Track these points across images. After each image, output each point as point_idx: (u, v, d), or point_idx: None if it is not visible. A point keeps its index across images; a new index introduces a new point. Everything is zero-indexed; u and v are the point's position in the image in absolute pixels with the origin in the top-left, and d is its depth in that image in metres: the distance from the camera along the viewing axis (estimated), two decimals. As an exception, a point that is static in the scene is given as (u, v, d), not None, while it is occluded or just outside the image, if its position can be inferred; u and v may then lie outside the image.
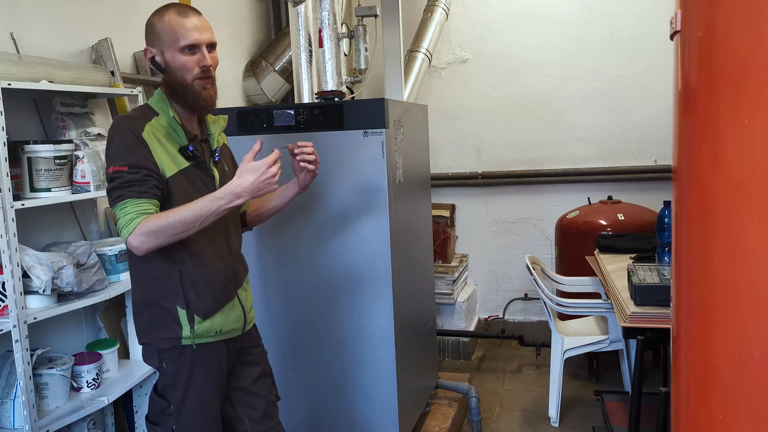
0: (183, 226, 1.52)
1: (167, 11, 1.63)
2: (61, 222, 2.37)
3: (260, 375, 1.86)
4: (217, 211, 1.54)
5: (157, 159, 1.59)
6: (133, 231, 1.50)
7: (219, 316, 1.69)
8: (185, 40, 1.60)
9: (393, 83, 3.25)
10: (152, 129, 1.61)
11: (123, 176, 1.53)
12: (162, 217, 1.52)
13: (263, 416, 1.83)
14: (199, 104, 1.66)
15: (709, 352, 1.24)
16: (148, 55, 1.65)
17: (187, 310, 1.64)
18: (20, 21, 2.22)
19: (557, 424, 3.11)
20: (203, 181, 1.69)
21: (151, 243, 1.52)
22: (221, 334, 1.71)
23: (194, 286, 1.65)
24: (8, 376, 2.01)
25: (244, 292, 1.80)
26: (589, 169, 4.18)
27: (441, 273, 4.03)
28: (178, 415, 1.67)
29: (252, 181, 1.54)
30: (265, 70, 3.77)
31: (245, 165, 1.56)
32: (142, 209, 1.52)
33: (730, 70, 1.15)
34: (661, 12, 3.89)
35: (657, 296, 2.19)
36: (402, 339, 2.46)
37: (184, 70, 1.61)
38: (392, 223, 2.35)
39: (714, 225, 1.20)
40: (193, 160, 1.67)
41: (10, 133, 1.94)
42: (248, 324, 1.81)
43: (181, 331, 1.64)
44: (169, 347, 1.66)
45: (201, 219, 1.53)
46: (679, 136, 1.33)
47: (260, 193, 1.57)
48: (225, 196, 1.54)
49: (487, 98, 4.35)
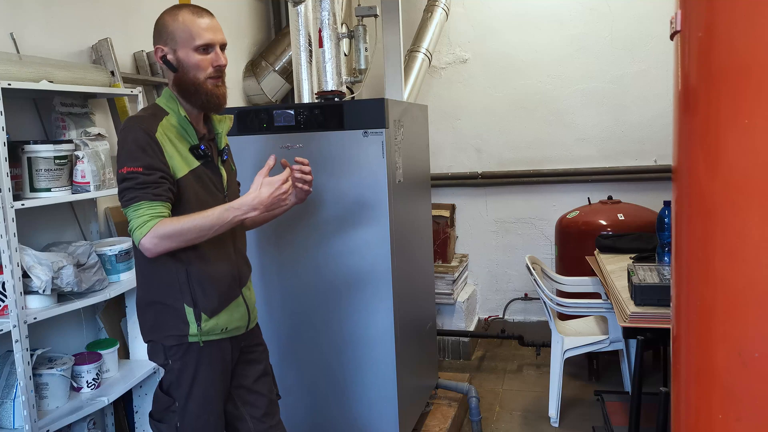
0: (197, 233, 1.56)
1: (180, 11, 1.65)
2: (61, 222, 2.37)
3: (262, 373, 1.87)
4: (232, 221, 1.58)
5: (170, 160, 1.60)
6: (147, 233, 1.52)
7: (224, 314, 1.71)
8: (201, 40, 1.62)
9: (393, 83, 3.25)
10: (164, 129, 1.61)
11: (138, 177, 1.54)
12: (177, 222, 1.54)
13: (265, 415, 1.85)
14: (213, 102, 1.67)
15: (709, 352, 1.24)
16: (159, 53, 1.65)
17: (194, 308, 1.66)
18: (20, 21, 2.22)
19: (557, 424, 3.11)
20: (212, 181, 1.71)
21: (164, 246, 1.54)
22: (227, 332, 1.72)
23: (201, 284, 1.66)
24: (8, 376, 2.01)
25: (248, 291, 1.82)
26: (589, 169, 4.18)
27: (441, 273, 4.03)
28: (183, 412, 1.68)
29: (268, 195, 1.57)
30: (265, 70, 3.77)
31: (262, 179, 1.59)
32: (156, 212, 1.54)
33: (730, 70, 1.15)
34: (661, 12, 3.89)
35: (657, 296, 2.19)
36: (402, 339, 2.46)
37: (198, 69, 1.63)
38: (392, 223, 2.34)
39: (714, 225, 1.20)
40: (204, 159, 1.68)
41: (10, 133, 1.94)
42: (252, 322, 1.83)
43: (188, 329, 1.66)
44: (176, 344, 1.67)
45: (216, 227, 1.57)
46: (679, 136, 1.33)
47: (272, 207, 1.61)
48: (241, 207, 1.57)
49: (487, 98, 4.35)
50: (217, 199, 1.70)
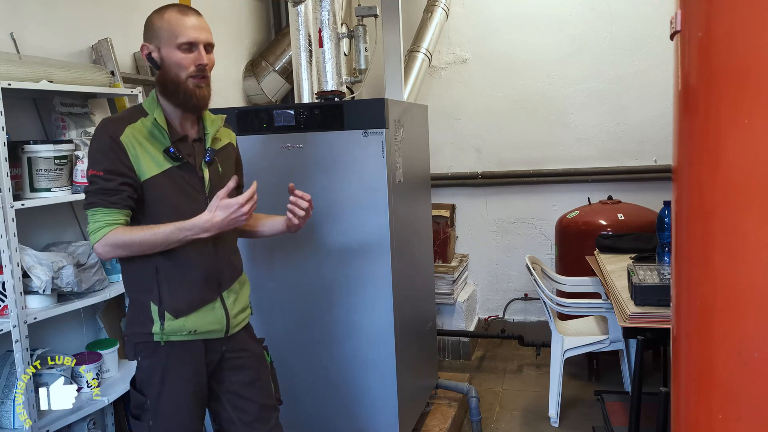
0: (147, 247, 1.59)
1: (168, 9, 1.64)
2: (61, 222, 2.37)
3: (252, 379, 1.81)
4: (183, 239, 1.60)
5: (135, 162, 1.59)
6: (100, 240, 1.56)
7: (194, 316, 1.67)
8: (183, 38, 1.61)
9: (393, 83, 3.25)
10: (133, 131, 1.60)
11: (98, 182, 1.56)
12: (129, 233, 1.57)
13: (255, 420, 1.80)
14: (191, 102, 1.65)
15: (709, 352, 1.24)
16: (145, 51, 1.65)
17: (159, 306, 1.65)
18: (20, 21, 2.22)
19: (557, 424, 3.11)
20: (189, 183, 1.68)
21: (115, 253, 1.59)
22: (197, 334, 1.69)
23: (168, 283, 1.65)
24: (8, 376, 2.01)
25: (233, 295, 1.76)
26: (589, 169, 4.18)
27: (441, 273, 4.03)
28: (155, 412, 1.67)
29: (222, 218, 1.58)
30: (265, 70, 3.77)
31: (218, 201, 1.59)
32: (111, 219, 1.57)
33: (730, 70, 1.15)
34: (661, 12, 3.88)
35: (657, 296, 2.19)
36: (402, 339, 2.46)
37: (179, 67, 1.62)
38: (392, 223, 2.34)
39: (714, 225, 1.20)
40: (177, 161, 1.66)
41: (10, 133, 1.94)
42: (233, 328, 1.76)
43: (152, 326, 1.65)
44: (142, 341, 1.67)
45: (165, 244, 1.60)
46: (679, 136, 1.33)
47: (228, 228, 1.62)
48: (192, 228, 1.59)
49: (487, 98, 4.35)
50: (196, 201, 1.67)
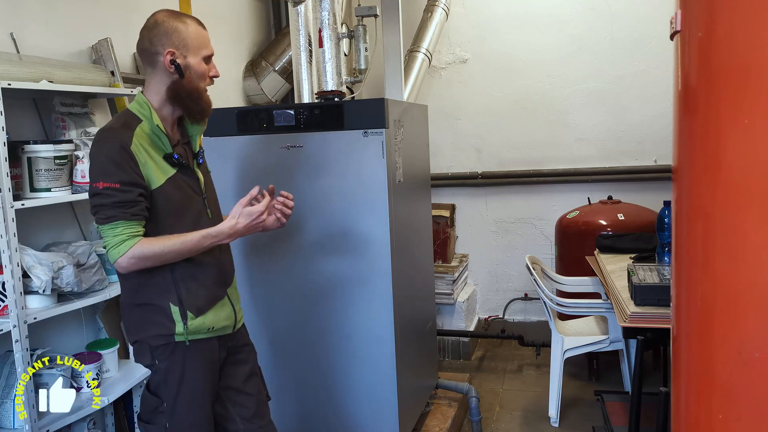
0: (173, 256, 1.62)
1: (187, 18, 1.68)
2: (61, 222, 2.37)
3: (250, 374, 1.88)
4: (208, 246, 1.67)
5: (145, 171, 1.60)
6: (125, 253, 1.55)
7: (211, 313, 1.72)
8: (208, 50, 1.71)
9: (393, 83, 3.25)
10: (138, 139, 1.61)
11: (115, 195, 1.55)
12: (157, 244, 1.58)
13: (254, 415, 1.85)
14: (207, 111, 1.74)
15: (709, 352, 1.24)
16: (170, 56, 1.64)
17: (180, 306, 1.67)
18: (20, 21, 2.22)
19: (557, 424, 3.11)
20: (190, 185, 1.72)
21: (140, 265, 1.60)
22: (213, 331, 1.74)
23: (186, 283, 1.68)
24: (8, 376, 2.01)
25: (234, 291, 1.85)
26: (589, 169, 4.18)
27: (441, 273, 4.03)
28: (171, 413, 1.68)
29: (244, 225, 1.68)
30: (265, 70, 3.77)
31: (241, 209, 1.67)
32: (133, 231, 1.57)
33: (730, 70, 1.15)
34: (661, 12, 3.88)
35: (657, 296, 2.19)
36: (402, 339, 2.46)
37: (202, 78, 1.70)
38: (392, 223, 2.34)
39: (714, 225, 1.20)
40: (179, 166, 1.69)
41: (10, 133, 1.94)
42: (238, 322, 1.85)
43: (174, 328, 1.66)
44: (162, 344, 1.68)
45: (192, 252, 1.65)
46: (679, 136, 1.33)
47: (248, 234, 1.72)
48: (219, 235, 1.66)
49: (487, 98, 4.35)
50: (196, 203, 1.72)
